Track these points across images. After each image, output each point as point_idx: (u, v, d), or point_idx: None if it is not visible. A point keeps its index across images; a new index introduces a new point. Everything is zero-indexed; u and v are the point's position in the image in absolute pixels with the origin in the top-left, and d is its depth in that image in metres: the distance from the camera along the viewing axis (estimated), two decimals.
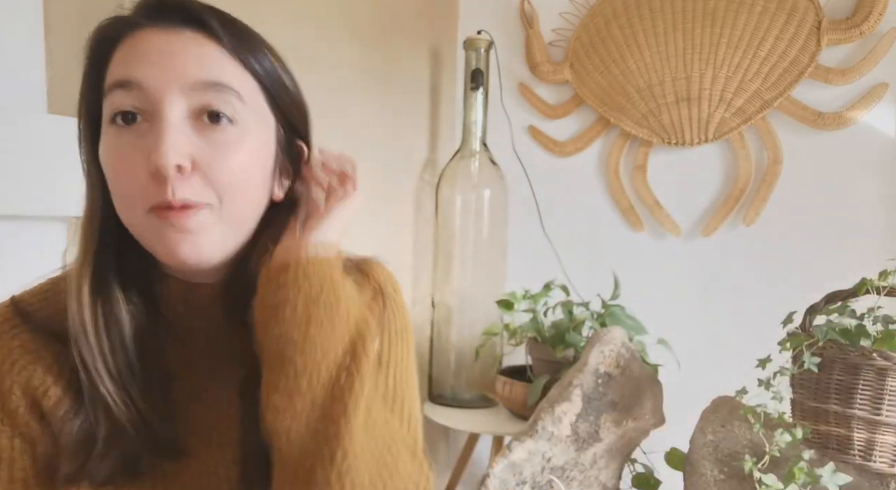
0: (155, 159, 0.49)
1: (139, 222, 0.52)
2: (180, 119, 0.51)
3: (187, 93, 0.51)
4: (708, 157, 1.58)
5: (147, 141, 0.50)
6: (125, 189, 0.51)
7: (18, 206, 0.93)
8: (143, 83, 0.51)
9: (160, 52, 0.52)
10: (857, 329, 0.88)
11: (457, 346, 1.63)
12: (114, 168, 0.52)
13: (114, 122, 0.52)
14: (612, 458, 1.09)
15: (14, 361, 0.56)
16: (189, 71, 0.51)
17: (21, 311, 0.58)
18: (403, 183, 1.68)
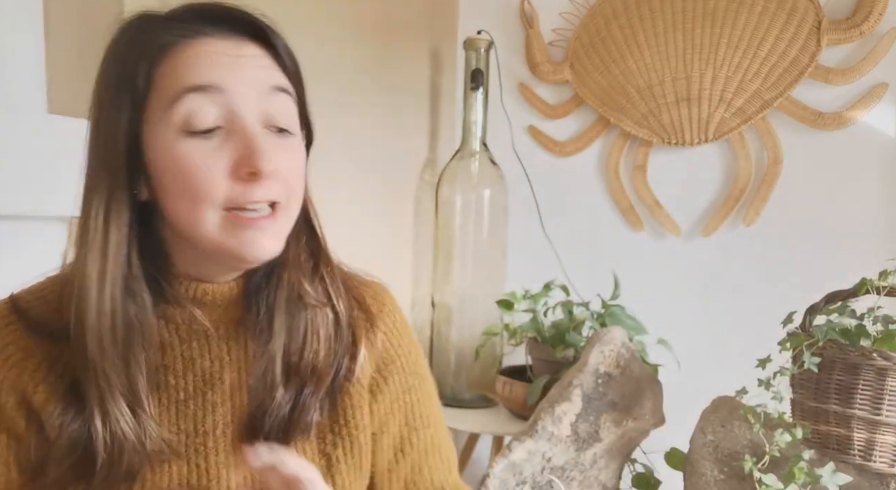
0: (254, 164, 0.52)
1: (215, 226, 0.54)
2: (258, 127, 0.54)
3: (261, 98, 0.54)
4: (708, 157, 1.58)
5: (232, 147, 0.53)
6: (207, 194, 0.53)
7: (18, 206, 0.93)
8: (222, 87, 0.53)
9: (233, 57, 0.54)
10: (857, 329, 0.88)
11: (457, 346, 1.63)
12: (192, 175, 0.52)
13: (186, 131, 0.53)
14: (612, 458, 1.09)
15: (7, 357, 0.57)
16: (261, 76, 0.55)
17: (17, 309, 0.58)
18: (403, 183, 1.68)
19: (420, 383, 0.71)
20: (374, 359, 0.67)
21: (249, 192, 0.53)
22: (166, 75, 0.53)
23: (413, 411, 0.70)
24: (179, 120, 0.52)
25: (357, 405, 0.66)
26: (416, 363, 0.72)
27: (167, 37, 0.54)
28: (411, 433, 0.70)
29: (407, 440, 0.70)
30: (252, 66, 0.55)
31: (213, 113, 0.53)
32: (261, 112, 0.55)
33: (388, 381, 0.68)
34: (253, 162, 0.52)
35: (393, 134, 1.59)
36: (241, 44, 0.55)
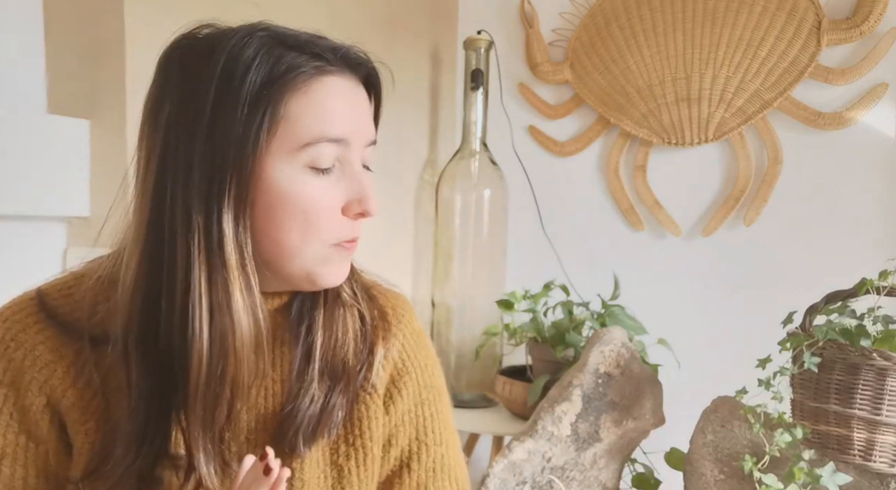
0: (367, 207, 0.58)
1: (317, 255, 0.57)
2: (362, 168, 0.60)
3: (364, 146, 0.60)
4: (708, 157, 1.58)
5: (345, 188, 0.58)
6: (318, 227, 0.56)
7: (18, 206, 0.93)
8: (349, 140, 0.57)
9: (358, 107, 0.58)
10: (857, 329, 0.88)
11: (457, 347, 1.63)
12: (309, 209, 0.55)
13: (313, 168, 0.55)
14: (612, 458, 1.09)
15: (37, 357, 0.56)
16: (368, 132, 0.60)
17: (45, 306, 0.58)
18: (403, 183, 1.68)
19: (435, 398, 0.71)
20: (390, 369, 0.67)
21: (355, 229, 0.59)
22: (302, 111, 0.54)
23: (425, 426, 0.69)
24: (307, 159, 0.55)
25: (372, 416, 0.65)
26: (432, 376, 0.71)
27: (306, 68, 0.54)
28: (420, 448, 0.68)
29: (415, 455, 0.68)
30: (366, 121, 0.60)
31: (335, 155, 0.56)
32: (362, 157, 0.60)
33: (401, 392, 0.67)
34: (365, 205, 0.58)
35: (393, 134, 1.59)
36: (358, 87, 0.59)
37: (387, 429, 0.67)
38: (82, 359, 0.56)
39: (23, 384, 0.56)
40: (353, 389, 0.64)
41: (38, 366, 0.56)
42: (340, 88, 0.56)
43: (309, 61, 0.54)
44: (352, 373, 0.63)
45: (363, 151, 0.60)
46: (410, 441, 0.68)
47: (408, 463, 0.68)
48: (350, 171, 0.58)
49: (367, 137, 0.60)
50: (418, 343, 0.70)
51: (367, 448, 0.65)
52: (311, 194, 0.55)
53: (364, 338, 0.65)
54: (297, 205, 0.55)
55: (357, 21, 1.44)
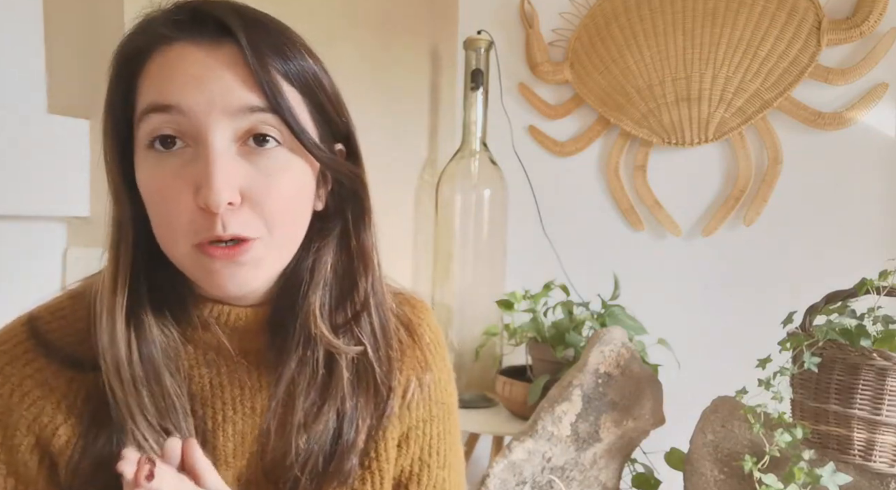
0: (205, 196, 0.46)
1: (184, 256, 0.49)
2: (226, 145, 0.48)
3: (232, 116, 0.48)
4: (708, 157, 1.58)
5: (193, 169, 0.47)
6: (170, 223, 0.48)
7: (18, 206, 0.93)
8: (183, 108, 0.47)
9: (199, 73, 0.47)
10: (857, 329, 0.88)
11: (457, 346, 1.63)
12: (157, 199, 0.48)
13: (152, 148, 0.48)
14: (612, 458, 1.09)
15: (25, 394, 0.52)
16: (233, 94, 0.47)
17: (36, 332, 0.54)
18: (403, 183, 1.68)
19: (445, 415, 0.65)
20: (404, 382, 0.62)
21: (212, 227, 0.47)
22: (141, 88, 0.50)
23: (430, 445, 0.64)
24: (144, 140, 0.49)
25: (390, 437, 0.61)
26: (445, 392, 0.66)
27: (140, 44, 0.50)
28: (423, 469, 0.63)
29: (416, 477, 0.63)
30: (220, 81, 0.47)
31: (174, 130, 0.48)
32: (234, 129, 0.48)
33: (410, 405, 0.62)
34: (202, 193, 0.46)
35: (393, 134, 1.59)
36: (214, 48, 0.48)
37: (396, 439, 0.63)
38: (74, 387, 0.53)
39: (10, 423, 0.52)
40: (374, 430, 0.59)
41: (26, 403, 0.52)
42: (180, 56, 0.48)
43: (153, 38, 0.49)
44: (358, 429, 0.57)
45: (238, 123, 0.48)
46: (413, 461, 0.63)
47: (406, 485, 0.63)
48: (201, 149, 0.47)
49: (231, 104, 0.47)
50: (437, 355, 0.65)
51: (384, 470, 0.61)
52: (150, 180, 0.49)
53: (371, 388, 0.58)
54: (145, 192, 0.49)
55: (357, 21, 1.44)
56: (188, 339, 0.55)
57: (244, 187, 0.48)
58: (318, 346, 0.56)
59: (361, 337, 0.58)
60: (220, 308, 0.55)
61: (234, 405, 0.57)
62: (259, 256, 0.50)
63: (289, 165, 0.51)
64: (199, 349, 0.56)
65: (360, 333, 0.58)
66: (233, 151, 0.48)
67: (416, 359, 0.63)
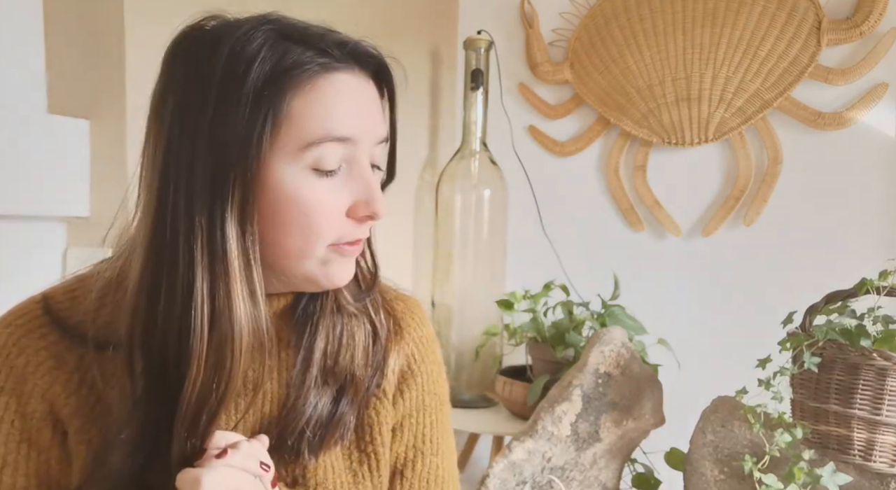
0: (374, 209, 0.56)
1: (318, 257, 0.56)
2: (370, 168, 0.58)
3: (375, 145, 0.58)
4: (708, 157, 1.58)
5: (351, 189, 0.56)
6: (321, 229, 0.54)
7: (18, 206, 0.93)
8: (354, 139, 0.55)
9: (364, 106, 0.56)
10: (857, 329, 0.88)
11: (457, 346, 1.63)
12: (315, 211, 0.54)
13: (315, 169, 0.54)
14: (612, 458, 1.09)
15: (39, 363, 0.55)
16: (379, 128, 0.59)
17: (50, 309, 0.57)
18: (403, 183, 1.68)
19: (437, 405, 0.69)
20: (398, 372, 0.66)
21: (359, 231, 0.57)
22: (306, 110, 0.52)
23: (423, 433, 0.67)
24: (312, 160, 0.53)
25: (383, 421, 0.64)
26: (437, 383, 0.70)
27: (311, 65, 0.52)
28: (416, 456, 0.66)
29: (410, 463, 0.66)
30: (375, 118, 0.58)
31: (341, 156, 0.55)
32: (370, 155, 0.58)
33: (404, 395, 0.66)
34: (373, 207, 0.56)
35: None
36: (367, 83, 0.58)
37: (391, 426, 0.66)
38: (85, 364, 0.55)
39: (25, 391, 0.55)
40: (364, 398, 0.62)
41: (41, 372, 0.55)
42: (347, 85, 0.54)
43: (315, 57, 0.52)
44: (360, 382, 0.62)
45: (372, 150, 0.58)
46: (407, 448, 0.66)
47: (402, 471, 0.66)
48: (358, 172, 0.56)
49: (376, 135, 0.58)
50: (427, 349, 0.69)
51: (380, 453, 0.63)
52: (314, 197, 0.53)
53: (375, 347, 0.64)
54: (299, 208, 0.53)
55: (357, 21, 1.44)
56: None
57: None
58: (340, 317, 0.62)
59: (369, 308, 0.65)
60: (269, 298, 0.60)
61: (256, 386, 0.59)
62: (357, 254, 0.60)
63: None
64: None
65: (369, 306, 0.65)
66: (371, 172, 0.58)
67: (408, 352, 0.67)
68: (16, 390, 0.55)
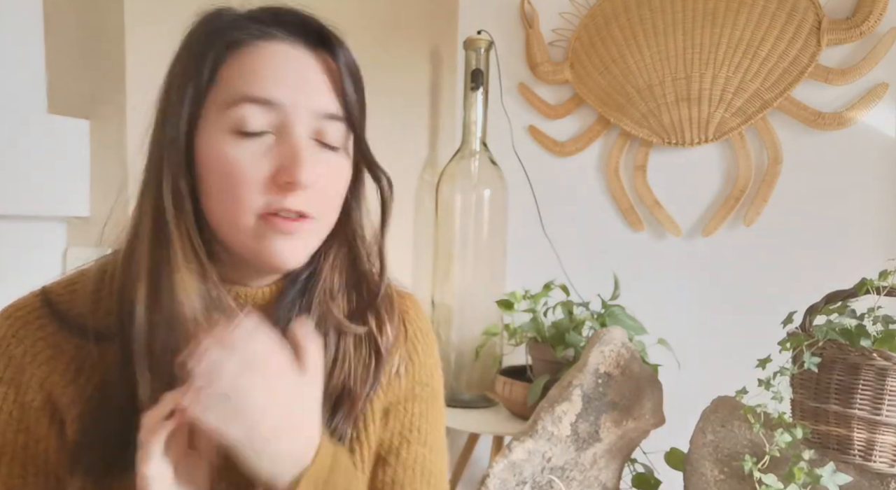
0: (295, 173, 0.53)
1: (247, 228, 0.54)
2: (308, 137, 0.55)
3: (315, 117, 0.55)
4: (708, 157, 1.58)
5: (278, 154, 0.53)
6: (241, 196, 0.53)
7: (18, 206, 0.93)
8: (279, 102, 0.53)
9: (297, 73, 0.54)
10: (857, 329, 0.88)
11: (457, 346, 1.63)
12: (235, 175, 0.53)
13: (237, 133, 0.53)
14: (612, 458, 1.09)
15: (37, 353, 0.56)
16: (319, 99, 0.55)
17: (49, 302, 0.58)
18: (403, 183, 1.68)
19: (428, 397, 0.68)
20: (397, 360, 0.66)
21: (284, 200, 0.54)
22: (231, 74, 0.53)
23: (412, 422, 0.66)
24: (232, 122, 0.53)
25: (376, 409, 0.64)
26: (431, 376, 0.69)
27: (238, 34, 0.54)
28: (402, 444, 0.65)
29: (395, 450, 0.65)
30: (313, 88, 0.55)
31: (266, 120, 0.53)
32: (312, 128, 0.55)
33: (393, 382, 0.66)
34: (293, 171, 0.53)
35: (393, 134, 1.59)
36: (309, 53, 0.56)
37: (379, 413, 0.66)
38: (83, 354, 0.56)
39: (23, 381, 0.56)
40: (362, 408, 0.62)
41: (39, 361, 0.56)
42: (280, 53, 0.54)
43: (250, 27, 0.54)
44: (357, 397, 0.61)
45: (315, 123, 0.55)
46: (393, 434, 0.65)
47: (385, 457, 0.65)
48: (287, 140, 0.54)
49: (316, 107, 0.55)
50: (424, 342, 0.69)
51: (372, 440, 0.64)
52: (234, 158, 0.53)
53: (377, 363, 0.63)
54: (221, 169, 0.53)
55: (357, 21, 1.44)
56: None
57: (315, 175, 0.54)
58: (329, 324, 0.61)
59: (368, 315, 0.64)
60: (232, 288, 0.60)
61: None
62: (308, 233, 0.56)
63: (344, 170, 0.59)
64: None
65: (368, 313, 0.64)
66: (311, 143, 0.55)
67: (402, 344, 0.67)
68: (14, 380, 0.56)
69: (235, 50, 0.54)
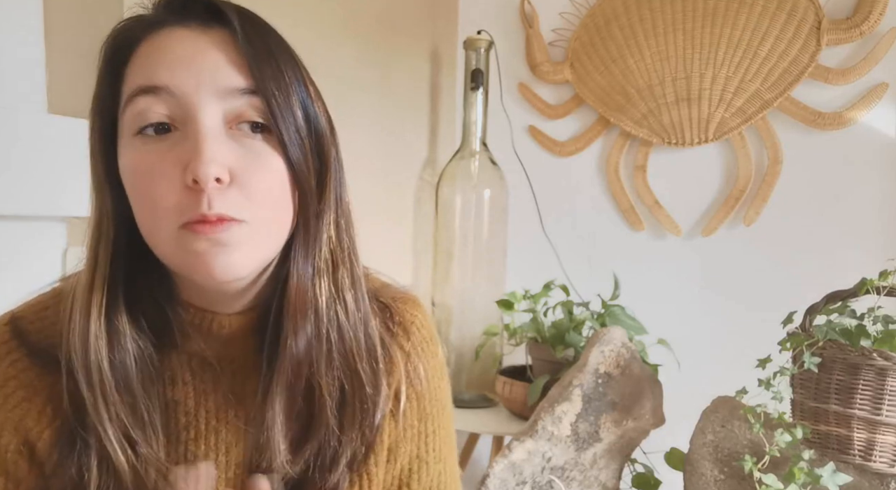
0: (194, 169, 0.45)
1: (169, 239, 0.47)
2: (216, 124, 0.47)
3: (221, 96, 0.47)
4: (708, 157, 1.58)
5: (182, 150, 0.46)
6: (157, 204, 0.47)
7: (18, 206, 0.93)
8: (172, 87, 0.47)
9: (187, 53, 0.48)
10: (857, 329, 0.88)
11: (457, 346, 1.63)
12: (143, 182, 0.47)
13: (140, 134, 0.48)
14: (612, 458, 1.09)
15: (9, 395, 0.51)
16: (221, 73, 0.48)
17: (19, 332, 0.53)
18: (403, 183, 1.68)
19: (439, 412, 0.64)
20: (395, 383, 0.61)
21: (197, 205, 0.46)
22: (129, 75, 0.49)
23: (427, 443, 0.63)
24: (130, 121, 0.48)
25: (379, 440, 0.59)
26: (439, 389, 0.65)
27: (130, 34, 0.50)
28: (421, 467, 0.63)
29: (416, 474, 0.62)
30: (210, 62, 0.47)
31: (165, 112, 0.47)
32: (224, 110, 0.48)
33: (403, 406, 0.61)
34: (191, 167, 0.45)
35: (393, 134, 1.59)
36: (204, 33, 0.49)
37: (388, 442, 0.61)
38: (58, 389, 0.50)
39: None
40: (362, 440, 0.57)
41: (11, 404, 0.51)
42: (169, 37, 0.48)
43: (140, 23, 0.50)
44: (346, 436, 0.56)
45: (224, 105, 0.48)
46: (411, 459, 0.62)
47: (408, 483, 0.62)
48: (190, 128, 0.47)
49: (219, 85, 0.47)
50: (429, 352, 0.64)
51: (372, 474, 0.59)
52: (141, 164, 0.47)
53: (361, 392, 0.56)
54: (133, 179, 0.48)
55: (357, 21, 1.44)
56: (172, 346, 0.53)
57: (232, 167, 0.47)
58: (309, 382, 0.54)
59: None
60: (203, 314, 0.54)
61: (218, 414, 0.55)
62: (241, 239, 0.48)
63: (275, 152, 0.49)
64: (184, 355, 0.54)
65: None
66: (223, 132, 0.48)
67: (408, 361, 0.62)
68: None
69: (132, 50, 0.49)
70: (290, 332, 0.52)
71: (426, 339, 0.64)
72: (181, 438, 0.54)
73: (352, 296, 0.55)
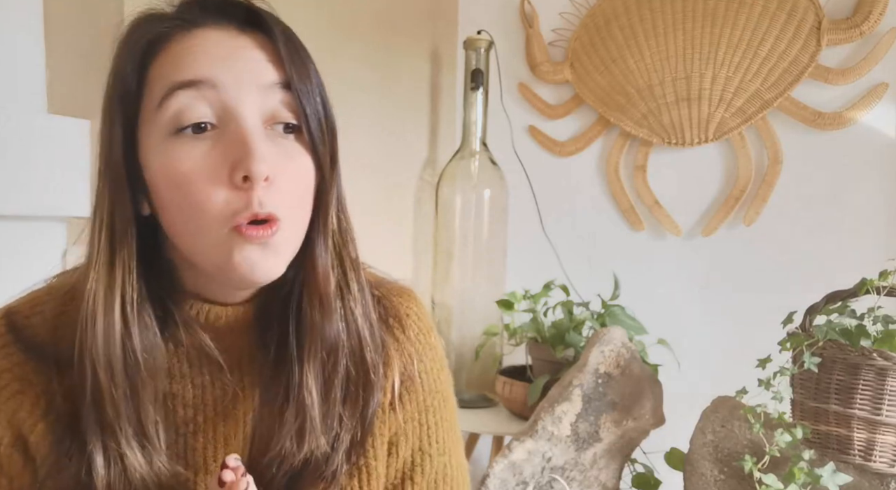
0: (247, 167, 0.45)
1: (217, 243, 0.47)
2: (258, 123, 0.48)
3: (262, 91, 0.48)
4: (708, 157, 1.58)
5: (226, 148, 0.47)
6: (203, 208, 0.46)
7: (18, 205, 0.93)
8: (214, 79, 0.47)
9: (227, 51, 0.48)
10: (857, 329, 0.88)
11: (457, 346, 1.63)
12: (185, 185, 0.46)
13: (179, 133, 0.47)
14: (612, 458, 1.09)
15: (3, 387, 0.52)
16: (262, 69, 0.49)
17: (14, 327, 0.53)
18: (403, 183, 1.68)
19: (441, 404, 0.64)
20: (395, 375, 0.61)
21: (247, 204, 0.46)
22: (158, 73, 0.48)
23: (429, 435, 0.63)
24: (168, 119, 0.47)
25: (378, 433, 0.59)
26: (438, 380, 0.64)
27: (159, 31, 0.49)
28: (424, 459, 0.62)
29: (419, 467, 0.62)
30: (249, 59, 0.48)
31: (205, 109, 0.47)
32: (261, 109, 0.49)
33: (403, 399, 0.61)
34: (246, 164, 0.45)
35: (393, 134, 1.59)
36: (240, 34, 0.49)
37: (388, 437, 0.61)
38: (53, 384, 0.51)
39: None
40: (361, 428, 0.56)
41: (5, 397, 0.51)
42: (204, 38, 0.49)
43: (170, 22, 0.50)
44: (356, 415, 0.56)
45: (263, 100, 0.48)
46: (413, 452, 0.62)
47: (411, 476, 0.62)
48: (233, 126, 0.47)
49: (257, 78, 0.48)
50: (426, 344, 0.64)
51: (372, 467, 0.59)
52: (176, 161, 0.46)
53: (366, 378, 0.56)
54: (168, 180, 0.47)
55: (357, 21, 1.44)
56: (171, 339, 0.54)
57: (271, 166, 0.47)
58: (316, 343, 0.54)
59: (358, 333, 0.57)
60: (201, 306, 0.54)
61: (216, 407, 0.55)
62: (284, 240, 0.49)
63: (305, 153, 0.51)
64: (183, 348, 0.54)
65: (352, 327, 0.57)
66: (263, 130, 0.49)
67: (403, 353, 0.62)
68: None
69: (160, 47, 0.49)
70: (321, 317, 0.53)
71: (423, 330, 0.64)
72: (180, 431, 0.54)
73: (356, 284, 0.56)
